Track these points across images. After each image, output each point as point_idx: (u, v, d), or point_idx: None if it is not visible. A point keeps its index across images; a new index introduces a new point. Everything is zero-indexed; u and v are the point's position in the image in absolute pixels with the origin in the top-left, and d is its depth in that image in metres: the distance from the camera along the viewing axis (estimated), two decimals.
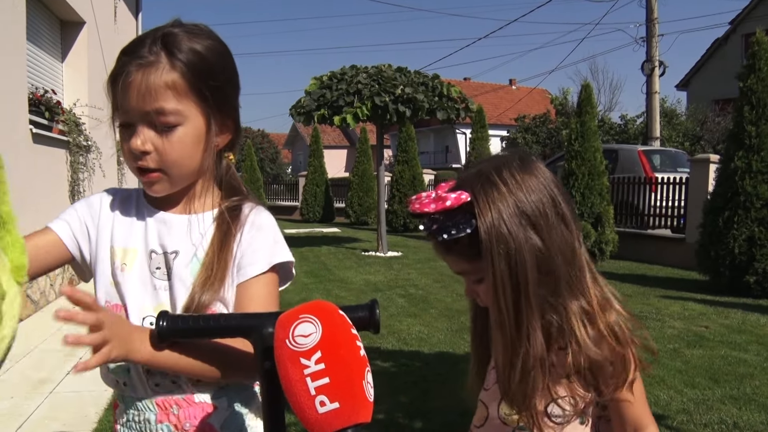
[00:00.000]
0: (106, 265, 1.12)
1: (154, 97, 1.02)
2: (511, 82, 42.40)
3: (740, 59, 18.59)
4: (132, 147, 1.05)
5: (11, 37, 5.35)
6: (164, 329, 0.93)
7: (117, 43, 10.24)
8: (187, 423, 1.08)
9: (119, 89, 1.04)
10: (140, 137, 1.04)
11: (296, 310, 0.81)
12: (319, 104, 9.98)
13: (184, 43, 1.05)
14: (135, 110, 1.04)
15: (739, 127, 7.21)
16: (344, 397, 0.74)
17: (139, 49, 1.04)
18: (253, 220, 1.14)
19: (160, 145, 1.05)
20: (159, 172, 1.07)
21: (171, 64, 1.03)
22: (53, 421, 3.33)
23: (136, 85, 1.02)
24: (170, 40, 1.04)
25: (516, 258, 0.99)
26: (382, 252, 10.94)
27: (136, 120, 1.05)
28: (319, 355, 0.75)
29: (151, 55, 1.03)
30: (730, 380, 4.10)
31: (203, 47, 1.07)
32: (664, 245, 10.04)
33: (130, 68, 1.03)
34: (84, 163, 7.30)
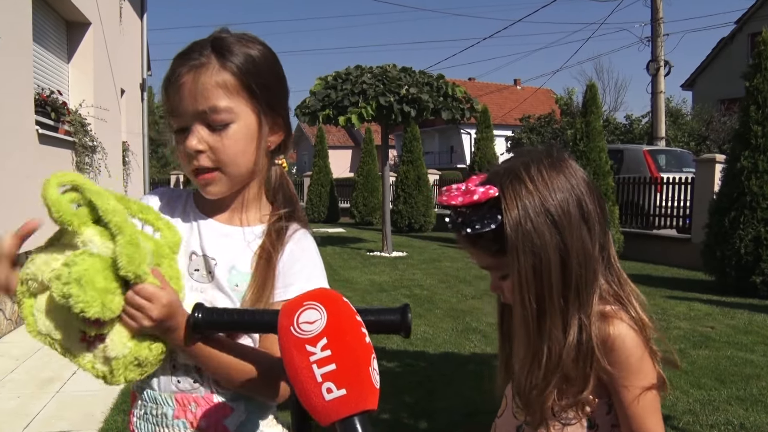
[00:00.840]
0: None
1: (206, 96, 1.05)
2: (516, 82, 42.34)
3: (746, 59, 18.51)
4: (187, 147, 1.06)
5: (17, 38, 5.37)
6: (200, 320, 0.94)
7: (122, 43, 10.28)
8: (203, 421, 1.09)
9: (172, 93, 1.07)
10: (195, 136, 1.06)
11: (300, 297, 0.81)
12: (323, 104, 9.98)
13: (234, 46, 1.08)
14: (188, 111, 1.06)
15: (745, 127, 7.18)
16: (351, 383, 0.74)
17: (190, 53, 1.07)
18: (297, 240, 1.16)
19: (214, 143, 1.07)
20: (216, 172, 1.09)
21: (221, 64, 1.06)
22: (60, 421, 3.34)
23: (188, 86, 1.05)
24: (219, 43, 1.08)
25: (541, 256, 0.99)
26: (387, 252, 10.94)
27: (189, 121, 1.07)
28: (324, 342, 0.75)
29: (201, 57, 1.06)
30: (737, 381, 4.09)
31: (252, 49, 1.10)
32: (670, 245, 10.01)
33: (181, 71, 1.06)
34: (90, 164, 7.33)
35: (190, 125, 1.07)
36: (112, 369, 0.99)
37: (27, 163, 5.51)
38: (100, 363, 0.98)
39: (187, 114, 1.06)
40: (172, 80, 1.06)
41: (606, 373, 1.03)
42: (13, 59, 5.25)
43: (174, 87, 1.06)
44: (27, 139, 5.57)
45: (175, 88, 1.06)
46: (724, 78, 23.57)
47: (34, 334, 1.00)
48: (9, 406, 3.56)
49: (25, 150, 5.49)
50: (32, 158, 5.65)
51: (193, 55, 1.06)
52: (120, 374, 0.99)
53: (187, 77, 1.05)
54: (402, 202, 15.47)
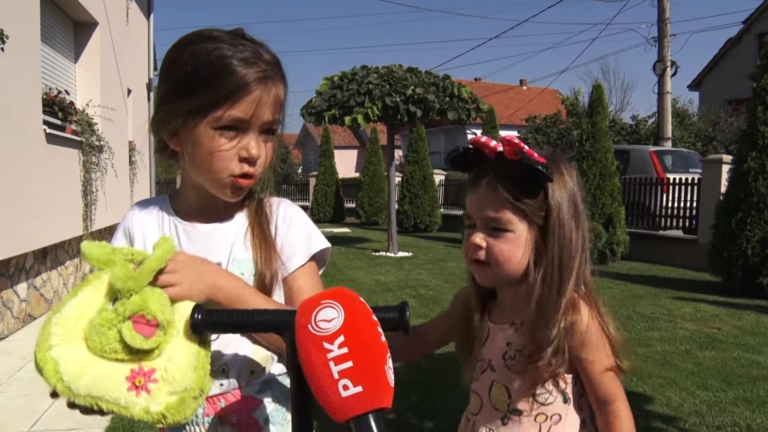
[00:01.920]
0: None
1: (272, 109, 1.09)
2: (522, 82, 42.24)
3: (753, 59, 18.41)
4: (252, 154, 1.08)
5: (26, 38, 5.40)
6: (199, 322, 0.94)
7: (129, 43, 10.32)
8: (233, 416, 1.12)
9: (235, 94, 1.05)
10: (257, 144, 1.09)
11: (317, 296, 0.82)
12: (329, 104, 9.99)
13: (273, 53, 1.12)
14: (261, 119, 1.08)
15: (753, 128, 7.15)
16: (367, 380, 0.75)
17: (259, 61, 1.08)
18: (283, 212, 1.20)
19: (264, 152, 1.11)
20: (254, 178, 1.12)
21: (279, 77, 1.11)
22: (66, 419, 3.35)
23: (272, 96, 1.08)
24: (271, 53, 1.11)
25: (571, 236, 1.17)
26: (393, 252, 10.94)
27: (248, 127, 1.08)
28: (342, 339, 0.76)
29: (268, 66, 1.08)
30: (743, 382, 4.07)
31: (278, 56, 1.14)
32: (676, 246, 9.98)
33: (251, 77, 1.06)
34: (96, 163, 7.35)
35: (247, 130, 1.08)
36: (174, 405, 0.91)
37: (35, 162, 5.54)
38: (155, 405, 0.91)
39: (258, 122, 1.07)
40: (246, 81, 1.05)
41: (574, 350, 1.17)
42: (21, 59, 5.28)
43: (251, 91, 1.05)
44: (35, 139, 5.60)
45: (251, 93, 1.05)
46: (731, 78, 23.47)
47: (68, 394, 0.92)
48: (16, 404, 3.58)
49: (32, 149, 5.52)
50: (40, 157, 5.68)
51: (264, 66, 1.08)
52: (183, 409, 0.91)
53: (264, 86, 1.07)
54: (408, 202, 15.47)
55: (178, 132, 1.10)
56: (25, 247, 5.34)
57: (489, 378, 1.25)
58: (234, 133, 1.07)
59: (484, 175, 1.17)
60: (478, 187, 1.18)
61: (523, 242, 1.16)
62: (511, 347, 1.21)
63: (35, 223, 5.52)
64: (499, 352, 1.23)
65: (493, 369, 1.24)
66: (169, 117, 1.09)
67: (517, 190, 1.14)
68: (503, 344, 1.23)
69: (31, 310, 5.61)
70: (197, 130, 1.07)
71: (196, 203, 1.18)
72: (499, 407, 1.23)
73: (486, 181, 1.17)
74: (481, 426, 1.26)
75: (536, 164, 1.10)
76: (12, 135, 5.08)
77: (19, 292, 5.36)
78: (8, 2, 5.04)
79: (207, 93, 1.04)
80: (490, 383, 1.25)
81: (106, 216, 7.94)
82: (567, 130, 25.06)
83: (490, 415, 1.25)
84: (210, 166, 1.09)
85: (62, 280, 6.56)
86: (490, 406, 1.24)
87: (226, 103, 1.04)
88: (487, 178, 1.17)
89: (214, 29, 1.11)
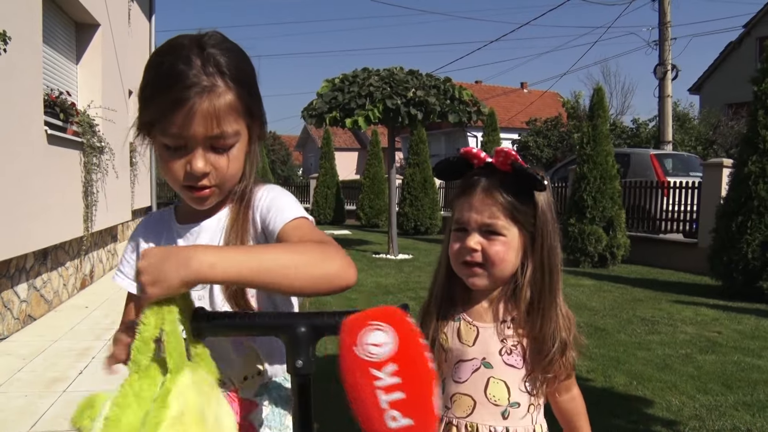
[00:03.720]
0: None
1: (217, 122, 1.04)
2: (523, 85, 42.22)
3: (754, 62, 18.42)
4: (195, 170, 1.06)
5: (28, 39, 5.41)
6: (199, 327, 0.94)
7: (130, 45, 10.33)
8: None
9: (172, 113, 1.02)
10: (202, 159, 1.06)
11: (364, 315, 0.78)
12: (330, 106, 10.00)
13: (229, 60, 1.06)
14: (197, 135, 1.04)
15: (753, 131, 7.15)
16: (418, 414, 0.72)
17: (192, 73, 1.02)
18: (263, 195, 1.17)
19: (218, 164, 1.08)
20: (213, 188, 1.11)
21: (226, 85, 1.05)
22: (66, 420, 3.35)
23: (199, 110, 1.02)
24: (218, 60, 1.05)
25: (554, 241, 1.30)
26: (393, 255, 10.94)
27: (192, 143, 1.05)
28: (393, 368, 0.73)
29: (207, 78, 1.03)
30: (744, 386, 4.07)
31: (242, 61, 1.10)
32: (677, 250, 9.98)
33: (189, 93, 1.01)
34: (97, 164, 7.36)
35: (190, 146, 1.05)
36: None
37: (35, 163, 5.54)
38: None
39: (195, 137, 1.04)
40: (176, 101, 1.01)
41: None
42: (23, 60, 5.29)
43: (179, 109, 1.01)
44: (36, 140, 5.60)
45: (180, 110, 1.02)
46: (731, 82, 23.48)
47: None
48: (16, 405, 3.58)
49: (33, 150, 5.52)
50: (41, 158, 5.68)
51: (199, 77, 1.02)
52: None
53: (198, 100, 1.02)
54: (408, 204, 15.47)
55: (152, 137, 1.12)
56: (26, 248, 5.34)
57: (484, 376, 1.29)
58: (178, 149, 1.06)
59: (477, 182, 1.26)
60: (472, 194, 1.26)
61: (515, 246, 1.27)
62: (506, 343, 1.29)
63: (36, 224, 5.52)
64: (495, 349, 1.29)
65: (490, 366, 1.29)
66: (138, 124, 1.12)
67: (511, 198, 1.25)
68: (498, 341, 1.29)
69: (31, 311, 5.61)
70: (155, 141, 1.10)
71: (188, 204, 1.20)
72: (500, 402, 1.28)
73: (481, 188, 1.25)
74: (481, 425, 1.29)
75: (534, 174, 1.20)
76: (13, 136, 5.08)
77: (20, 293, 5.36)
78: (11, 3, 5.05)
79: (151, 108, 1.06)
80: (486, 381, 1.29)
81: (106, 217, 7.95)
82: (568, 133, 25.06)
83: (488, 413, 1.29)
84: (167, 179, 1.11)
85: (62, 281, 6.56)
86: (488, 403, 1.28)
87: (163, 121, 1.04)
88: (481, 185, 1.25)
89: (184, 36, 1.08)
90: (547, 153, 25.34)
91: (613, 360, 4.62)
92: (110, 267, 8.75)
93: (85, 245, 7.22)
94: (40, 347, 4.72)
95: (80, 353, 4.59)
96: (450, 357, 1.32)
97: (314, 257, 0.93)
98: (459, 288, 1.35)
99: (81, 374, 4.10)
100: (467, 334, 1.31)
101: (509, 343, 1.29)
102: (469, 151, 1.27)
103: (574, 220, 9.61)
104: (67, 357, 4.51)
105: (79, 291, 7.13)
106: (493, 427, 1.28)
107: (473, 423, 1.29)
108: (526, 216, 1.26)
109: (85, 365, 4.30)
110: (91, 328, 5.42)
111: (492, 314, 1.32)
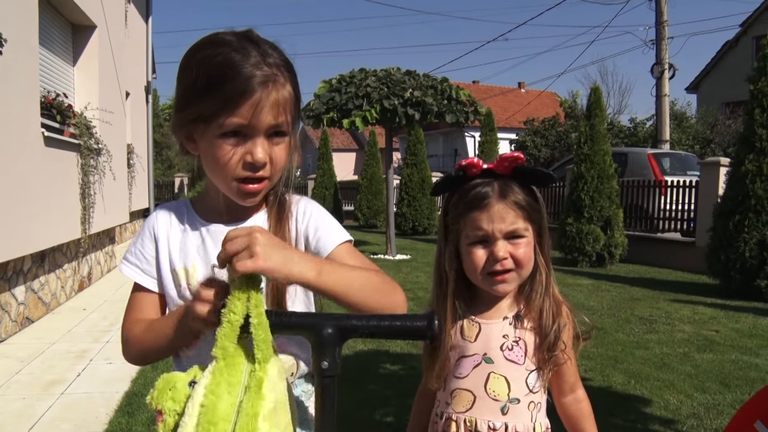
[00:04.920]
0: (171, 288, 1.18)
1: (282, 111, 1.07)
2: (520, 85, 42.26)
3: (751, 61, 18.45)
4: (257, 159, 1.07)
5: (24, 41, 5.40)
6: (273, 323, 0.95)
7: (127, 46, 10.32)
8: None
9: (238, 98, 1.03)
10: (262, 149, 1.07)
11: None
12: (328, 107, 10.00)
13: (280, 54, 1.10)
14: (262, 124, 1.06)
15: (750, 130, 7.17)
16: None
17: (256, 63, 1.05)
18: (303, 209, 1.20)
19: (274, 156, 1.10)
20: (265, 182, 1.11)
21: (285, 78, 1.08)
22: (64, 422, 3.35)
23: (269, 100, 1.05)
24: (272, 53, 1.08)
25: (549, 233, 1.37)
26: (391, 255, 10.95)
27: (256, 133, 1.06)
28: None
29: (269, 69, 1.06)
30: (741, 385, 4.07)
31: (288, 57, 1.13)
32: (674, 249, 9.99)
33: (254, 81, 1.04)
34: (95, 166, 7.35)
35: (251, 136, 1.06)
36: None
37: (33, 165, 5.53)
38: None
39: (260, 126, 1.06)
40: (243, 91, 1.03)
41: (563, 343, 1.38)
42: (20, 62, 5.28)
43: (247, 98, 1.03)
44: (33, 142, 5.60)
45: (248, 99, 1.03)
46: (728, 81, 23.51)
47: None
48: (14, 407, 3.57)
49: (30, 152, 5.51)
50: (38, 160, 5.68)
51: (265, 68, 1.05)
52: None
53: (265, 90, 1.04)
54: (406, 205, 15.48)
55: (194, 137, 1.11)
56: (23, 250, 5.33)
57: (485, 371, 1.31)
58: (237, 140, 1.06)
59: (487, 194, 1.28)
60: (487, 206, 1.27)
61: (533, 243, 1.32)
62: (508, 338, 1.31)
63: (33, 226, 5.51)
64: (497, 345, 1.31)
65: (491, 361, 1.31)
66: (180, 122, 1.11)
67: (522, 199, 1.28)
68: (500, 337, 1.31)
69: (28, 313, 5.60)
70: (205, 137, 1.08)
71: (218, 204, 1.18)
72: (499, 398, 1.30)
73: (494, 198, 1.27)
74: (479, 420, 1.30)
75: (543, 173, 1.26)
76: (10, 138, 5.08)
77: (17, 295, 5.35)
78: (7, 5, 5.04)
79: (209, 101, 1.04)
80: (487, 376, 1.31)
81: (104, 219, 7.94)
82: (565, 132, 25.08)
83: (487, 408, 1.30)
84: (217, 173, 1.10)
85: (60, 283, 6.55)
86: (488, 398, 1.30)
87: (226, 110, 1.04)
88: (494, 196, 1.27)
89: (225, 32, 1.10)
90: (544, 153, 25.35)
91: (611, 359, 4.62)
92: (108, 269, 8.74)
93: (82, 247, 7.21)
94: (38, 350, 4.72)
95: (78, 355, 4.58)
96: (452, 354, 1.34)
97: (388, 288, 1.08)
98: (464, 290, 1.36)
99: (79, 376, 4.09)
100: (469, 330, 1.33)
101: (511, 339, 1.31)
102: (471, 163, 1.29)
103: (571, 219, 9.62)
104: (65, 359, 4.50)
105: (77, 293, 7.12)
106: (492, 422, 1.29)
107: (472, 418, 1.31)
108: (535, 212, 1.31)
109: (83, 367, 4.29)
110: (89, 330, 5.41)
111: (496, 311, 1.34)
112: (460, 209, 1.31)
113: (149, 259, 1.20)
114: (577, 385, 1.41)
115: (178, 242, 1.19)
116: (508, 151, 7.94)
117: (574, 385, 1.40)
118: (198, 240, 1.18)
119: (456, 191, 1.33)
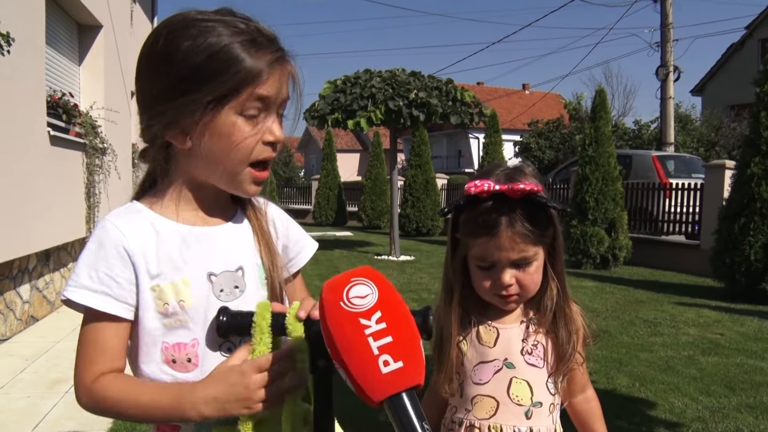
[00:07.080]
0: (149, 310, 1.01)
1: (288, 87, 1.05)
2: (525, 86, 42.25)
3: (756, 64, 18.42)
4: (277, 137, 1.03)
5: (31, 41, 5.42)
6: (223, 324, 0.96)
7: (133, 46, 10.34)
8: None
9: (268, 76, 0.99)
10: (278, 126, 1.04)
11: (345, 275, 0.82)
12: (332, 108, 10.01)
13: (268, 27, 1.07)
14: (278, 99, 1.02)
15: (756, 133, 7.14)
16: (407, 355, 0.74)
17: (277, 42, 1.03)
18: (278, 213, 1.20)
19: (281, 136, 1.06)
20: (269, 168, 1.07)
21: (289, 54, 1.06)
22: (69, 421, 3.35)
23: (286, 75, 1.03)
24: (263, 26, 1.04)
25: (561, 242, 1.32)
26: (395, 256, 10.94)
27: (274, 108, 1.03)
28: (379, 315, 0.76)
29: (282, 45, 1.04)
30: (746, 389, 4.06)
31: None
32: (679, 251, 9.97)
33: (279, 55, 1.01)
34: (100, 165, 7.37)
35: (270, 111, 1.02)
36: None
37: (38, 164, 5.55)
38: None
39: (276, 101, 1.02)
40: (272, 61, 0.99)
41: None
42: (27, 62, 5.30)
43: (276, 70, 1.00)
44: (39, 141, 5.61)
45: (276, 71, 1.00)
46: (733, 83, 23.46)
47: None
48: (19, 405, 3.58)
49: (36, 151, 5.53)
50: (43, 159, 5.69)
51: (280, 45, 1.03)
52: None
53: (285, 64, 1.02)
54: (410, 206, 15.47)
55: (189, 128, 0.99)
56: (29, 249, 5.35)
57: (507, 376, 1.30)
58: (256, 119, 1.00)
59: (497, 222, 1.22)
60: (497, 235, 1.22)
61: (542, 265, 1.29)
62: (527, 342, 1.31)
63: (38, 225, 5.52)
64: (517, 349, 1.30)
65: (512, 366, 1.30)
66: (180, 113, 0.98)
67: (532, 226, 1.23)
68: (519, 341, 1.31)
69: (33, 312, 5.62)
70: (217, 120, 0.98)
71: (197, 204, 1.07)
72: (523, 402, 1.29)
73: (504, 227, 1.22)
74: (505, 426, 1.29)
75: (557, 208, 1.26)
76: (16, 137, 5.09)
77: (22, 294, 5.37)
78: (14, 5, 5.06)
79: (228, 78, 0.96)
80: (509, 381, 1.30)
81: None
82: (570, 134, 25.05)
83: (511, 414, 1.29)
84: (231, 157, 1.00)
85: (65, 282, 6.56)
86: (512, 404, 1.29)
87: (250, 85, 0.97)
88: (503, 224, 1.22)
89: (195, 11, 1.01)
90: (548, 154, 25.32)
91: (616, 362, 4.61)
92: None
93: None
94: (43, 348, 4.73)
95: None
96: (467, 361, 1.32)
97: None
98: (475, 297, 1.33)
99: None
100: (487, 335, 1.32)
101: (530, 343, 1.31)
102: (481, 189, 1.21)
103: (576, 221, 9.60)
104: (69, 358, 4.49)
105: None
106: (517, 427, 1.29)
107: (497, 424, 1.30)
108: (546, 235, 1.27)
109: None
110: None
111: (511, 315, 1.34)
112: (468, 229, 1.26)
113: (121, 282, 0.99)
114: (587, 385, 1.42)
115: (154, 254, 1.02)
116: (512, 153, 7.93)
117: (585, 386, 1.41)
118: (181, 246, 1.04)
119: (466, 207, 1.27)
